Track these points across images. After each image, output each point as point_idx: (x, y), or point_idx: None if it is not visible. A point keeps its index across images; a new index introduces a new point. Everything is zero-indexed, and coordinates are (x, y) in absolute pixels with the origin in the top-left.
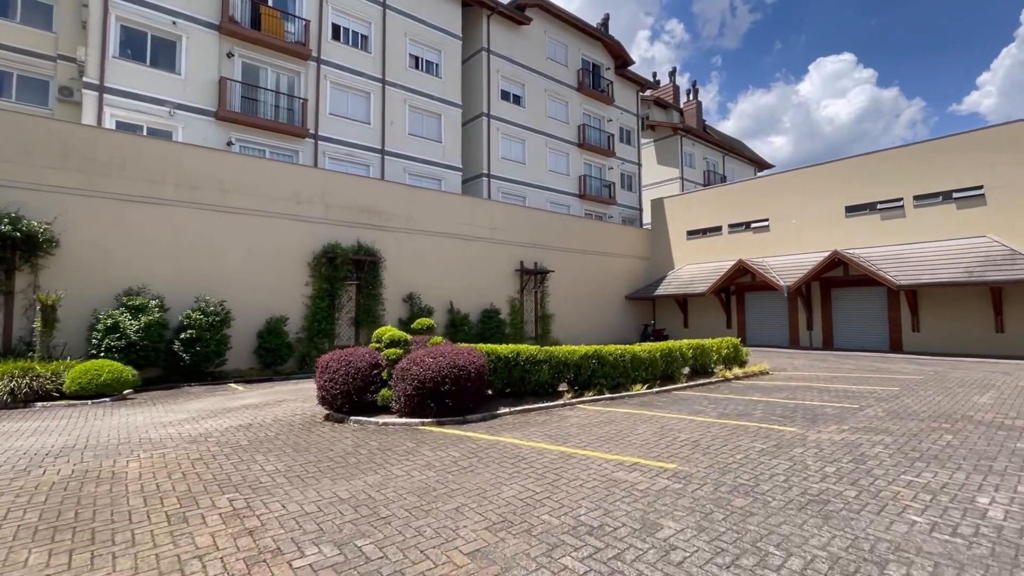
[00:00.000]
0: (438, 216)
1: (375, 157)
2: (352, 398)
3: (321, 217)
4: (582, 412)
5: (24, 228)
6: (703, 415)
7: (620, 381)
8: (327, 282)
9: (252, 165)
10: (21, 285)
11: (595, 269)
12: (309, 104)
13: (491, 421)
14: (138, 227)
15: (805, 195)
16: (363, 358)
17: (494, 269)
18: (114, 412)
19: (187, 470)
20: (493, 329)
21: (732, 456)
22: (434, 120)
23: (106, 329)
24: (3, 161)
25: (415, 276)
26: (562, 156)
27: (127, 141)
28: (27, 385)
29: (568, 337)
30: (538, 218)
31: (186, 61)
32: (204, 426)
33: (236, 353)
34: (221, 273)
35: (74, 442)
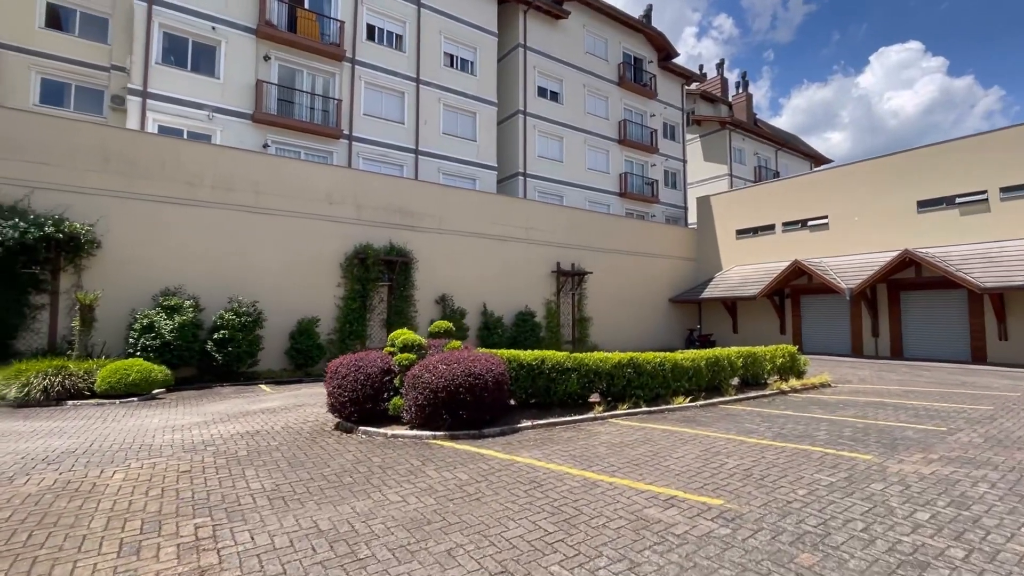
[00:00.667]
0: (471, 216)
1: (409, 157)
2: (362, 406)
3: (353, 218)
4: (614, 428)
5: (66, 229)
6: (755, 435)
7: (659, 392)
8: (359, 283)
9: (285, 166)
10: (65, 285)
11: (637, 270)
12: (343, 105)
13: (510, 436)
14: (175, 228)
15: (870, 189)
16: (374, 363)
17: (529, 270)
18: (136, 413)
19: (169, 485)
20: (528, 332)
21: (793, 491)
22: (468, 119)
23: (142, 328)
24: (49, 165)
25: (448, 277)
26: (601, 153)
27: (166, 144)
28: (59, 383)
29: (607, 342)
30: (576, 218)
31: (224, 65)
32: (212, 432)
33: (268, 354)
34: (254, 274)
35: (78, 446)
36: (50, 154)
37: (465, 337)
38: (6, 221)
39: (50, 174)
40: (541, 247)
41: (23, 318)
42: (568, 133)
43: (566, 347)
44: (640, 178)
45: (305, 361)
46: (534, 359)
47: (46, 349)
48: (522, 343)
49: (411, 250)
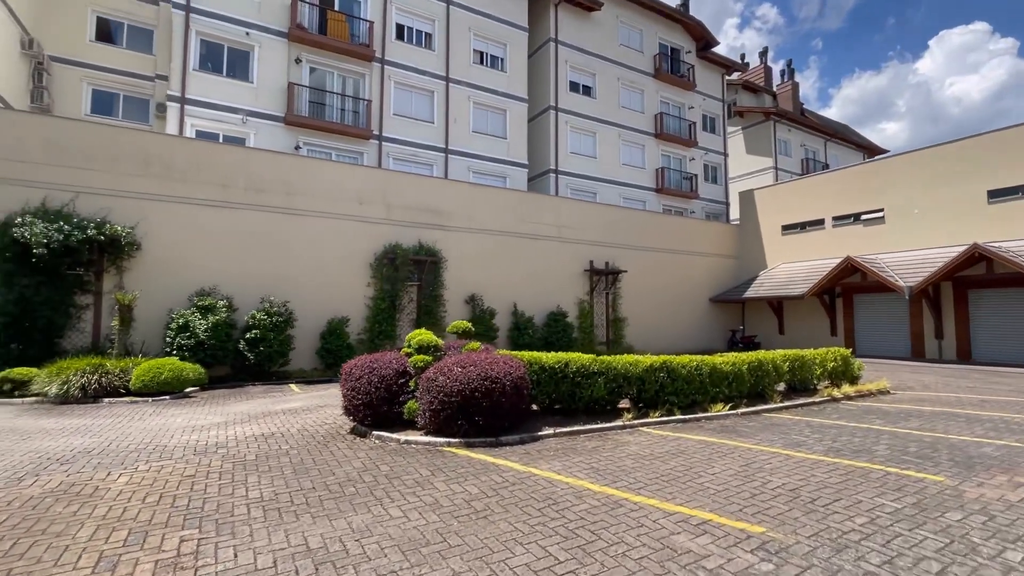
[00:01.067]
0: (501, 214)
1: (438, 156)
2: (376, 410)
3: (382, 218)
4: (644, 438)
5: (107, 232)
6: (804, 449)
7: (695, 399)
8: (388, 283)
9: (315, 167)
10: (108, 286)
11: (675, 269)
12: (373, 105)
13: (530, 445)
14: (210, 230)
15: (931, 180)
16: (389, 365)
17: (561, 269)
18: (163, 411)
19: (168, 491)
20: (559, 333)
21: (850, 519)
22: (499, 116)
23: (178, 328)
24: (93, 170)
25: (477, 277)
26: (637, 148)
27: (200, 148)
28: (96, 381)
29: (644, 343)
30: (610, 215)
31: (258, 69)
32: (229, 433)
33: (300, 353)
34: (286, 274)
35: (96, 446)
36: (94, 159)
37: (495, 338)
38: (52, 224)
39: (93, 179)
40: (573, 245)
41: (69, 318)
42: (601, 128)
43: (600, 349)
44: (678, 173)
45: (335, 361)
46: (557, 362)
47: (90, 347)
48: (554, 344)
49: (440, 249)
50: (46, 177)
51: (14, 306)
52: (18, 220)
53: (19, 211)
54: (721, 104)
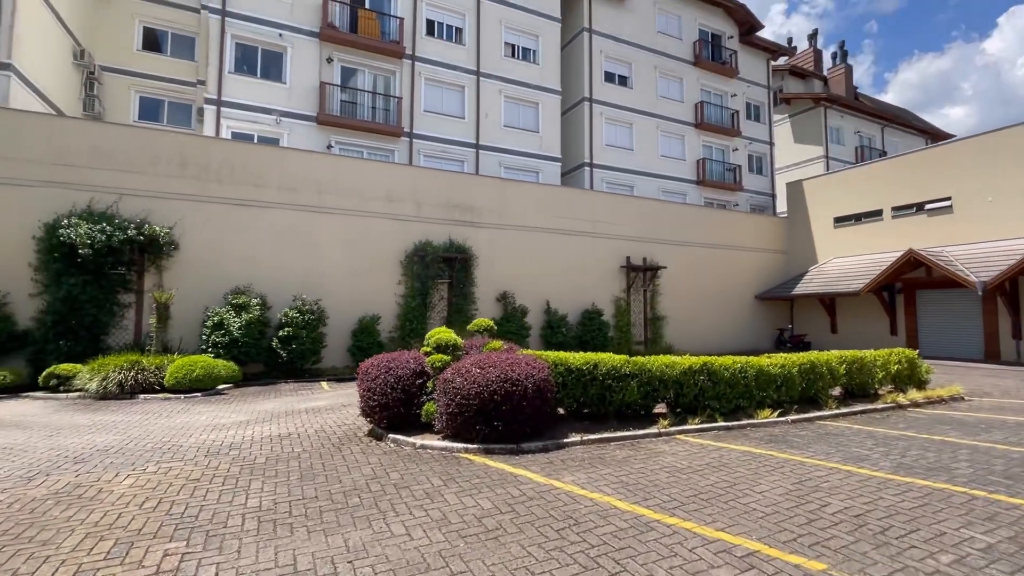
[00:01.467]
0: (533, 210)
1: (469, 152)
2: (392, 411)
3: (413, 215)
4: (682, 447)
5: (146, 232)
6: (868, 465)
7: (740, 404)
8: (418, 281)
9: (346, 165)
10: (148, 285)
11: (717, 265)
12: (404, 102)
13: (553, 453)
14: (244, 229)
15: (1008, 164)
16: (406, 365)
17: (596, 266)
18: (191, 409)
19: (168, 496)
20: (595, 332)
21: (932, 557)
22: (531, 109)
23: (213, 326)
24: (134, 172)
25: (509, 274)
26: (676, 139)
27: (234, 148)
28: (133, 378)
29: (684, 343)
30: (647, 208)
31: (290, 70)
32: (246, 433)
33: (332, 351)
34: (318, 272)
35: (116, 444)
36: (134, 162)
37: (527, 336)
38: (95, 225)
39: (134, 181)
40: (609, 241)
41: (113, 315)
42: (638, 119)
43: (637, 348)
44: (720, 164)
45: (366, 358)
46: (585, 363)
47: (132, 344)
48: (588, 343)
49: (470, 246)
50: (91, 180)
51: (62, 304)
52: (64, 222)
53: (67, 213)
54: (766, 91)
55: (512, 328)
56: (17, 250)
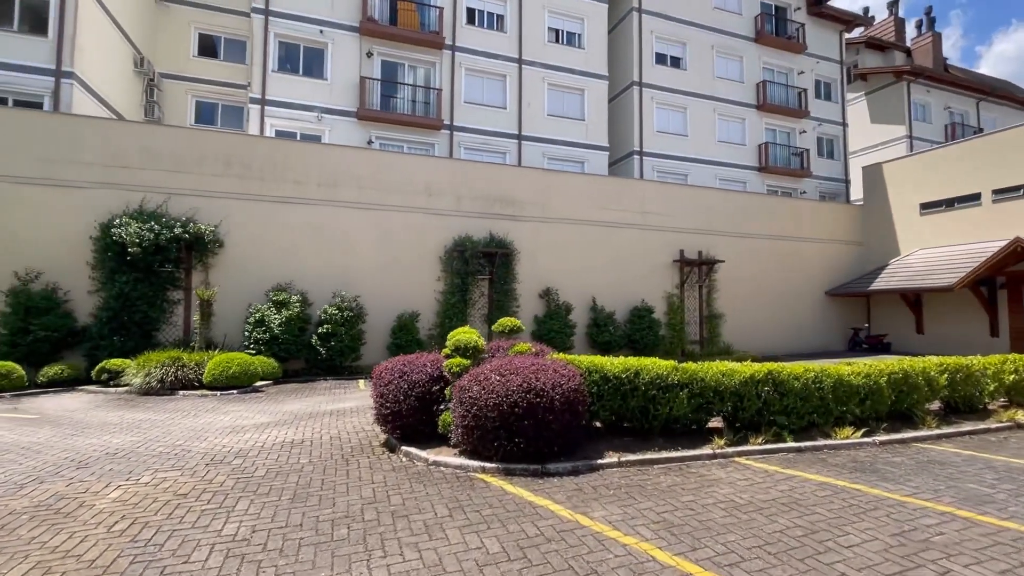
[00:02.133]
0: (578, 202)
1: (511, 143)
2: (406, 420)
3: (452, 209)
4: (741, 474)
5: (191, 230)
6: (993, 509)
7: (813, 420)
8: (458, 277)
9: (385, 160)
10: (196, 282)
11: (782, 258)
12: (444, 94)
13: (584, 477)
14: (285, 226)
15: None
16: (423, 369)
17: (646, 260)
18: (221, 407)
19: (145, 516)
20: (644, 331)
21: None
22: (576, 97)
23: (255, 323)
24: (182, 172)
25: (552, 269)
26: (735, 123)
27: (276, 146)
28: (173, 374)
29: (744, 343)
30: (703, 198)
31: (331, 66)
32: (260, 438)
33: (371, 348)
34: (357, 268)
35: (128, 446)
36: (182, 162)
37: (571, 335)
38: (144, 224)
39: (182, 180)
40: (660, 233)
41: (163, 312)
42: (693, 103)
43: (692, 349)
44: (785, 148)
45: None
46: (624, 371)
47: (181, 340)
48: (638, 343)
49: (512, 241)
50: (143, 181)
51: (115, 301)
52: (116, 221)
53: (120, 213)
54: (838, 67)
55: (555, 326)
56: (77, 250)
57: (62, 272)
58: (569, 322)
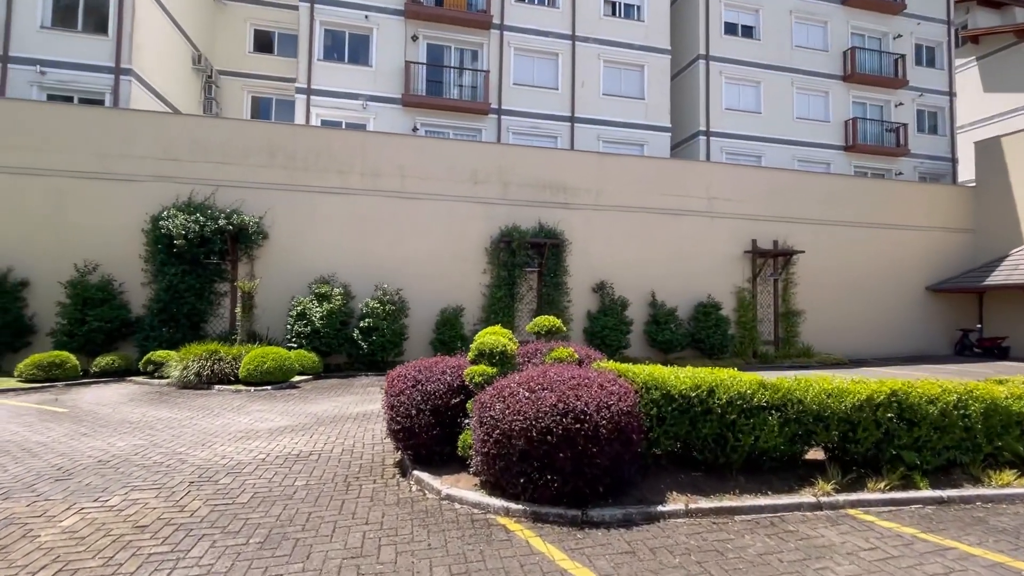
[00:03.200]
0: (636, 187)
1: (563, 126)
2: (419, 439)
3: (499, 197)
4: (863, 540)
5: (235, 222)
6: None
7: (954, 458)
8: (505, 269)
9: (429, 146)
10: (241, 275)
11: (872, 248)
12: (491, 76)
13: (640, 530)
14: (329, 217)
15: None
16: (440, 377)
17: (713, 251)
18: (246, 406)
19: (77, 563)
20: (711, 329)
21: None
22: (635, 74)
23: (296, 316)
24: (229, 164)
25: (607, 261)
26: (817, 97)
27: (319, 135)
28: (209, 368)
29: (826, 344)
30: (780, 181)
31: (376, 52)
32: (267, 448)
33: (414, 344)
34: (399, 260)
35: (125, 451)
36: (229, 154)
37: (628, 332)
38: (190, 216)
39: (229, 172)
40: (730, 221)
41: (210, 304)
42: (768, 76)
43: (765, 350)
44: (878, 124)
45: (448, 353)
46: (694, 387)
47: (227, 333)
48: (704, 342)
49: (563, 231)
50: (192, 173)
51: (164, 293)
52: (163, 213)
53: (170, 205)
54: (945, 28)
55: (610, 323)
56: (131, 242)
57: (117, 264)
58: (625, 319)
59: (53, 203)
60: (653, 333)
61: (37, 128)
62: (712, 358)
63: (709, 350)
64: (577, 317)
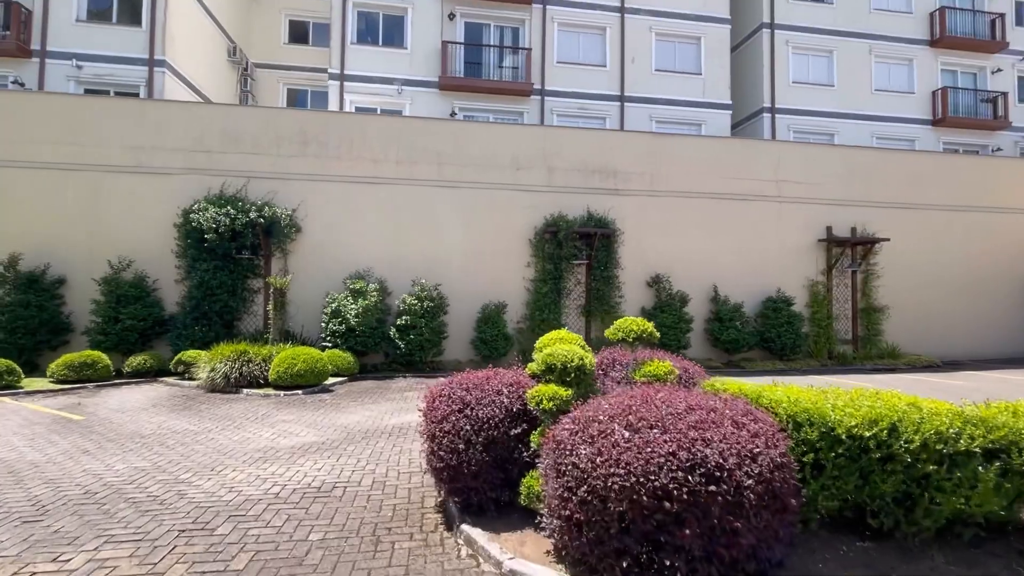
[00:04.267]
0: (694, 170)
1: (612, 107)
2: (468, 482)
3: (543, 184)
4: None
5: (267, 215)
6: None
7: None
8: (550, 262)
9: (467, 131)
10: (275, 270)
11: (967, 234)
12: (534, 54)
13: None
14: (363, 208)
15: None
16: (495, 399)
17: (782, 240)
18: (270, 415)
19: None
20: (782, 327)
21: None
22: (690, 47)
23: (331, 313)
24: (260, 154)
25: (662, 252)
26: (899, 65)
27: (352, 121)
28: (238, 371)
29: (914, 343)
30: (858, 160)
31: (411, 33)
32: (285, 477)
33: (454, 342)
34: (438, 254)
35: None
36: (259, 144)
37: (688, 331)
38: (220, 209)
39: (260, 163)
40: (801, 206)
41: (243, 302)
42: (842, 43)
43: (843, 350)
44: (971, 93)
45: (491, 352)
46: (866, 422)
47: (261, 331)
48: (774, 342)
49: (613, 219)
50: (224, 165)
51: (197, 290)
52: (194, 206)
53: (201, 199)
54: None
55: (667, 321)
56: (164, 238)
57: (150, 261)
58: (685, 315)
59: (87, 199)
60: (716, 331)
61: (70, 122)
62: (783, 359)
63: (780, 351)
64: (630, 314)
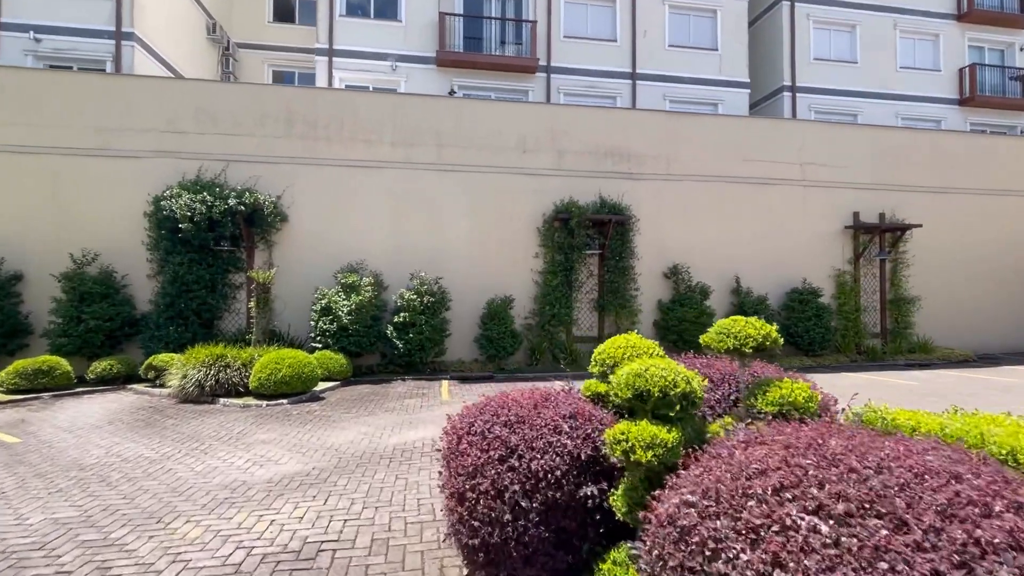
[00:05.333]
0: (714, 152)
1: (623, 84)
2: (517, 564)
3: (551, 168)
4: None
5: (247, 201)
6: None
7: None
8: (560, 252)
9: (468, 109)
10: (259, 263)
11: (1003, 221)
12: (539, 28)
13: None
14: (355, 194)
15: None
16: (552, 438)
17: (807, 227)
18: (247, 434)
19: None
20: (808, 320)
21: None
22: (706, 20)
23: (321, 310)
24: (241, 136)
25: (680, 241)
26: (926, 41)
27: (343, 99)
28: (213, 377)
29: (948, 336)
30: (886, 142)
31: (406, 4)
32: (250, 532)
33: (457, 341)
34: (438, 244)
35: (31, 544)
36: (241, 124)
37: (709, 325)
38: (195, 196)
39: (241, 145)
40: (826, 190)
41: (224, 298)
42: (864, 17)
43: (871, 343)
44: (999, 71)
45: (497, 352)
46: None
47: (244, 331)
48: (801, 337)
49: (627, 205)
50: (200, 147)
51: (171, 285)
52: (166, 193)
53: (175, 185)
54: None
55: (688, 315)
56: (134, 229)
57: (120, 253)
58: (706, 309)
59: (47, 185)
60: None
61: (27, 100)
62: (810, 355)
63: (807, 346)
64: (648, 308)
